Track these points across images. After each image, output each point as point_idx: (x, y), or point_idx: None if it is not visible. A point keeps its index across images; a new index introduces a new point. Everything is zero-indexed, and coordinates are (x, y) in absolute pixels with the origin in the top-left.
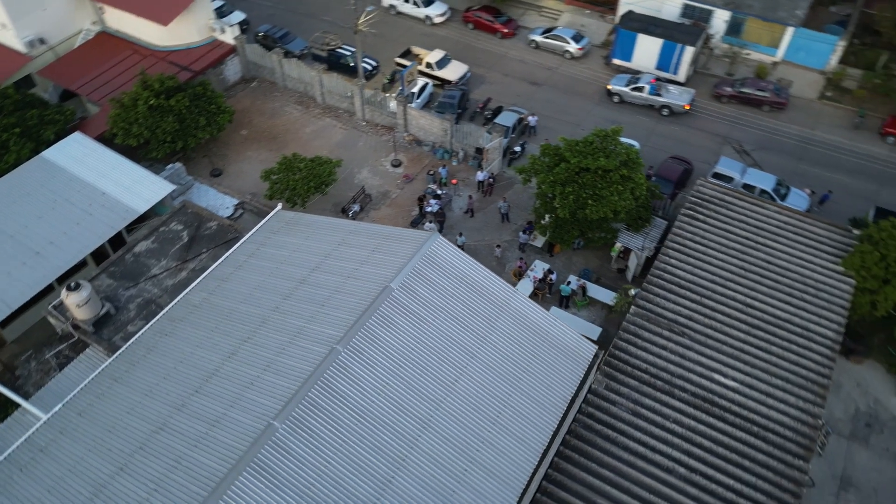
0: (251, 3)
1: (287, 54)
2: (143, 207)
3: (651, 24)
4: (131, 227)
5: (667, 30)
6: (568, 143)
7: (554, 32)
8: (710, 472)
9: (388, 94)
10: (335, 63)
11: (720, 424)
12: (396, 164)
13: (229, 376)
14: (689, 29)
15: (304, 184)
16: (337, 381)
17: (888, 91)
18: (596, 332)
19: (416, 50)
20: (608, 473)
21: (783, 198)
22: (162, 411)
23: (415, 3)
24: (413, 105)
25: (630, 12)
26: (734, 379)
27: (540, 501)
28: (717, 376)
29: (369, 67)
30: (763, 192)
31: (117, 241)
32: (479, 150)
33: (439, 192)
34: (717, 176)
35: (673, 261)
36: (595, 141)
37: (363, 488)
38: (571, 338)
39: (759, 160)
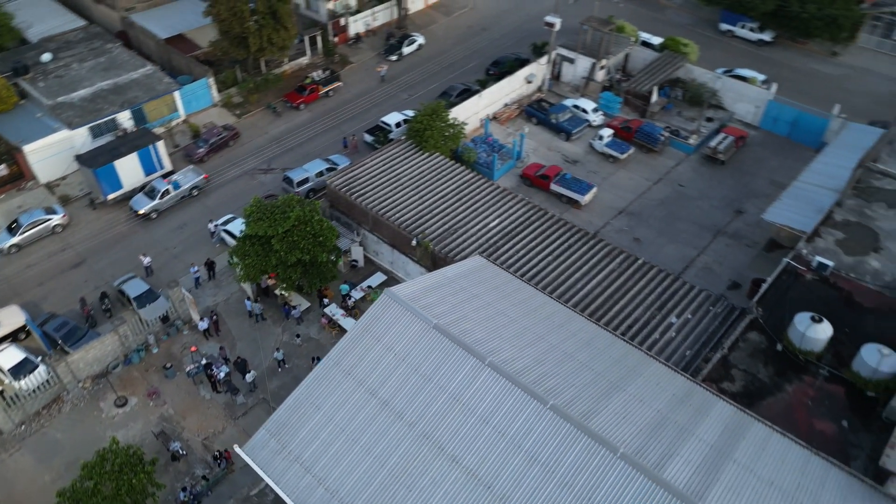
0: None
1: None
2: None
3: (113, 150)
4: None
5: (128, 144)
6: (256, 228)
7: (23, 224)
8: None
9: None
10: None
11: (531, 228)
12: (122, 403)
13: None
14: (139, 133)
15: (125, 486)
16: (512, 366)
17: (259, 87)
18: None
19: None
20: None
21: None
22: None
23: None
24: (41, 367)
25: (82, 154)
26: (494, 218)
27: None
28: (490, 224)
29: None
30: (329, 170)
31: None
32: (165, 319)
33: (204, 360)
34: (300, 183)
35: (395, 215)
36: (261, 212)
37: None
38: (477, 261)
39: (281, 163)
